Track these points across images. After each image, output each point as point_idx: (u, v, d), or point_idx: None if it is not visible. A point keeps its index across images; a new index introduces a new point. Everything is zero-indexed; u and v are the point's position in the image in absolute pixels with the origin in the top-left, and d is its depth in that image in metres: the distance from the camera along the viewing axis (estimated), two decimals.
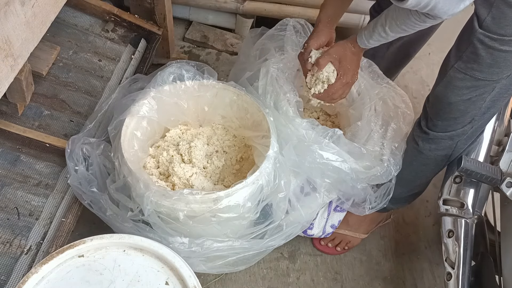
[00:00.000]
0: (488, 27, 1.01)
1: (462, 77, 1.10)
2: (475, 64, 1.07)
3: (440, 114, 1.20)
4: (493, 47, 1.02)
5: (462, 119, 1.18)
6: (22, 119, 1.31)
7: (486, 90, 1.10)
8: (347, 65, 1.23)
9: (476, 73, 1.08)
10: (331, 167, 1.23)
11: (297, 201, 1.27)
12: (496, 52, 1.03)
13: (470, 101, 1.13)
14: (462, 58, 1.09)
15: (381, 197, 1.33)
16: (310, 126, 1.24)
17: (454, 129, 1.20)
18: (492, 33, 1.01)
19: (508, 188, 1.12)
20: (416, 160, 1.30)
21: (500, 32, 1.00)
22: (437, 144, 1.24)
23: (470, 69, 1.08)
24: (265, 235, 1.23)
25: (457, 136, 1.21)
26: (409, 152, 1.32)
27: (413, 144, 1.29)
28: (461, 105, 1.14)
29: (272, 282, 1.43)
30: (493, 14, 0.99)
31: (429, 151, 1.26)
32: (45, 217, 1.22)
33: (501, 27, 1.00)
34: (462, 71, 1.10)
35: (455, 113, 1.17)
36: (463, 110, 1.15)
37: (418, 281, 1.49)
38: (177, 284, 1.04)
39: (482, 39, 1.03)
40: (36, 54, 1.19)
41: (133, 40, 1.60)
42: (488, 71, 1.06)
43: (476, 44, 1.04)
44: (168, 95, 1.31)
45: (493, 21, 1.00)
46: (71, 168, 1.20)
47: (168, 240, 1.12)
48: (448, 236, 1.23)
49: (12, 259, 1.15)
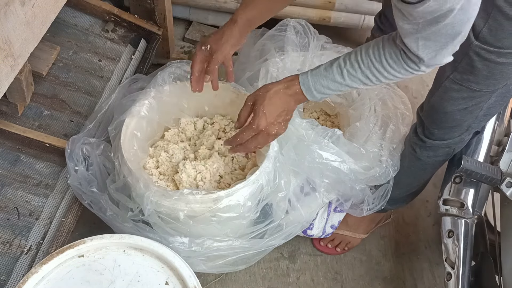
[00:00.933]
0: (484, 38, 0.97)
1: (458, 88, 1.08)
2: (471, 76, 1.04)
3: (437, 123, 1.18)
4: (489, 59, 0.98)
5: (459, 128, 1.17)
6: (22, 119, 1.31)
7: (483, 99, 1.08)
8: (262, 108, 1.04)
9: (472, 84, 1.05)
10: (330, 167, 1.23)
11: (297, 201, 1.27)
12: (493, 64, 0.99)
13: (466, 111, 1.11)
14: (457, 69, 1.05)
15: (379, 199, 1.33)
16: (309, 126, 1.24)
17: (451, 137, 1.19)
18: (489, 46, 0.97)
19: (508, 188, 1.11)
20: (415, 165, 1.30)
21: (497, 44, 0.96)
22: (434, 152, 1.24)
23: (466, 81, 1.05)
24: (265, 234, 1.23)
25: (454, 144, 1.21)
26: (407, 157, 1.31)
27: (410, 150, 1.29)
28: (457, 114, 1.13)
29: (272, 282, 1.43)
30: (490, 26, 0.95)
31: (427, 157, 1.26)
32: (45, 217, 1.22)
33: (498, 39, 0.95)
34: (458, 82, 1.07)
35: (452, 122, 1.15)
36: (459, 119, 1.14)
37: (418, 281, 1.49)
38: (177, 284, 1.04)
39: (478, 51, 0.99)
40: (36, 54, 1.19)
41: (133, 40, 1.60)
42: (484, 83, 1.04)
43: (472, 56, 1.00)
44: (168, 95, 1.30)
45: (489, 33, 0.95)
46: (71, 168, 1.20)
47: (168, 240, 1.12)
48: (448, 236, 1.23)
49: (12, 259, 1.15)
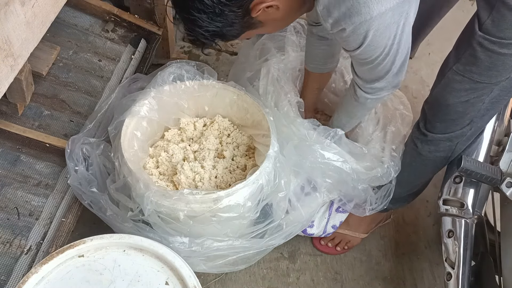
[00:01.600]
0: (487, 29, 1.00)
1: (460, 79, 1.10)
2: (473, 67, 1.06)
3: (439, 115, 1.19)
4: (492, 50, 1.01)
5: (460, 121, 1.17)
6: (22, 119, 1.31)
7: (485, 92, 1.10)
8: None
9: (474, 75, 1.07)
10: (332, 167, 1.23)
11: (297, 201, 1.27)
12: (495, 55, 1.02)
13: (468, 103, 1.12)
14: (460, 60, 1.08)
15: (381, 199, 1.33)
16: (311, 126, 1.25)
17: (453, 131, 1.20)
18: (491, 36, 1.00)
19: (508, 188, 1.11)
20: (416, 161, 1.30)
21: (499, 35, 0.99)
22: (436, 146, 1.24)
23: (468, 72, 1.08)
24: (265, 234, 1.23)
25: (456, 138, 1.21)
26: (409, 153, 1.32)
27: (412, 146, 1.29)
28: (459, 106, 1.14)
29: (272, 282, 1.43)
30: (493, 17, 0.98)
31: (428, 152, 1.26)
32: (45, 217, 1.22)
33: (500, 30, 0.99)
34: (461, 73, 1.09)
35: (454, 115, 1.16)
36: (461, 112, 1.15)
37: (418, 281, 1.49)
38: (177, 284, 1.04)
39: (481, 41, 1.02)
40: (36, 54, 1.19)
41: (133, 40, 1.60)
42: (487, 74, 1.06)
43: (475, 46, 1.03)
44: (168, 95, 1.31)
45: (492, 24, 0.99)
46: (71, 168, 1.20)
47: (168, 239, 1.12)
48: (448, 236, 1.23)
49: (12, 259, 1.15)
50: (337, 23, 0.94)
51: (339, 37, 0.99)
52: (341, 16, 0.92)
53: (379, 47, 0.98)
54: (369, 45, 0.97)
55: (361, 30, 0.94)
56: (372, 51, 0.99)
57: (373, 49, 0.99)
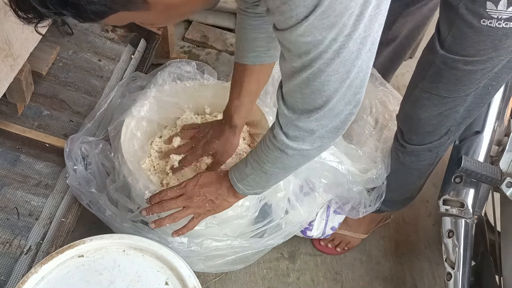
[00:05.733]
0: (449, 47, 0.96)
1: (428, 96, 1.06)
2: (439, 84, 1.02)
3: (413, 129, 1.17)
4: (456, 67, 0.97)
5: (437, 132, 1.15)
6: (22, 119, 1.31)
7: (458, 103, 1.06)
8: (199, 176, 1.06)
9: (441, 91, 1.03)
10: (328, 167, 1.23)
11: (297, 200, 1.27)
12: (460, 72, 0.98)
13: (442, 115, 1.09)
14: (425, 78, 1.04)
15: (374, 200, 1.33)
16: None
17: (431, 141, 1.18)
18: (454, 54, 0.96)
19: (508, 188, 1.11)
20: (400, 170, 1.30)
21: (462, 53, 0.95)
22: (417, 156, 1.23)
23: (435, 88, 1.04)
24: (264, 234, 1.23)
25: (435, 148, 1.20)
26: (393, 162, 1.31)
27: (394, 155, 1.28)
28: (432, 120, 1.11)
29: (272, 282, 1.43)
30: (454, 34, 0.93)
31: (410, 162, 1.25)
32: (45, 217, 1.22)
33: (463, 48, 0.94)
34: (427, 91, 1.05)
35: (428, 128, 1.14)
36: (436, 124, 1.12)
37: (418, 281, 1.49)
38: (177, 284, 1.04)
39: (445, 60, 0.98)
40: (35, 54, 1.19)
41: (133, 40, 1.60)
42: (454, 89, 1.02)
43: (438, 64, 0.99)
44: (168, 95, 1.30)
45: (454, 41, 0.94)
46: (69, 167, 1.20)
47: (167, 239, 1.12)
48: (448, 236, 1.23)
49: (12, 259, 1.15)
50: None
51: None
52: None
53: (335, 24, 0.65)
54: (324, 12, 0.63)
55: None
56: (324, 29, 0.66)
57: (326, 26, 0.65)
